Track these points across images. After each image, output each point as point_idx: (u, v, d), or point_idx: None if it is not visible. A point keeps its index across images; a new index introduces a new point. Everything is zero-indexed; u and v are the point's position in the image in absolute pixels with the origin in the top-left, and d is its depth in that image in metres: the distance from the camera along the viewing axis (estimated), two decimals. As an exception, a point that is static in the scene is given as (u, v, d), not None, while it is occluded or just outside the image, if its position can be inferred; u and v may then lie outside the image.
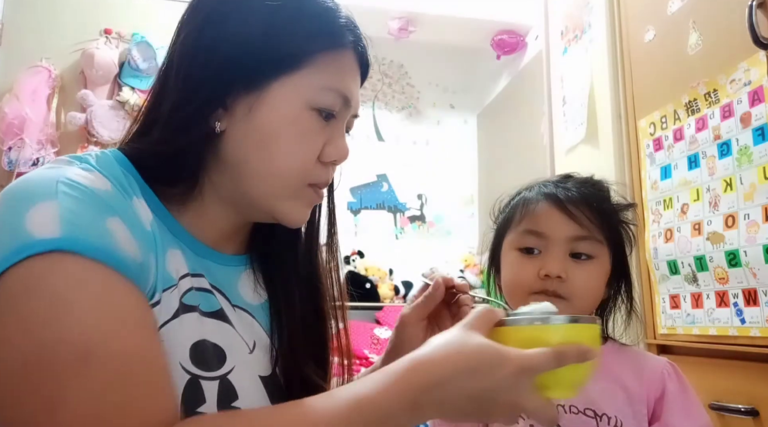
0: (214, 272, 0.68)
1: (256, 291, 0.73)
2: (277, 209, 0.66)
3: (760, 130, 1.20)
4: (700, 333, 1.37)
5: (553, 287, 0.80)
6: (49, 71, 2.39)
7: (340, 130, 0.69)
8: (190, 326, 0.61)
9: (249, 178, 0.65)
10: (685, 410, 0.79)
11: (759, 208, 1.19)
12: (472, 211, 3.47)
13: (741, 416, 1.22)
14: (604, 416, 0.77)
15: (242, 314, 0.70)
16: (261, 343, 0.70)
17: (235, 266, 0.73)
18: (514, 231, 0.86)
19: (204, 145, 0.64)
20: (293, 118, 0.64)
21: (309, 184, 0.67)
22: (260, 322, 0.72)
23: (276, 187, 0.65)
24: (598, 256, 0.83)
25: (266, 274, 0.75)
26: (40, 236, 0.48)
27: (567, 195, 0.84)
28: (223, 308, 0.67)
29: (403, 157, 3.46)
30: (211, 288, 0.66)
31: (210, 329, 0.63)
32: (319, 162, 0.67)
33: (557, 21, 2.25)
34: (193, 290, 0.63)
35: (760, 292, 1.19)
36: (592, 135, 1.91)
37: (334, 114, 0.67)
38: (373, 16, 2.79)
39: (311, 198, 0.69)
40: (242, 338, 0.67)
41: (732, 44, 1.29)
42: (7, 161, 2.27)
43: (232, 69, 0.63)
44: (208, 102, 0.63)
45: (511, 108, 3.04)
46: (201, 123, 0.63)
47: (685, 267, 1.41)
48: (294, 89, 0.64)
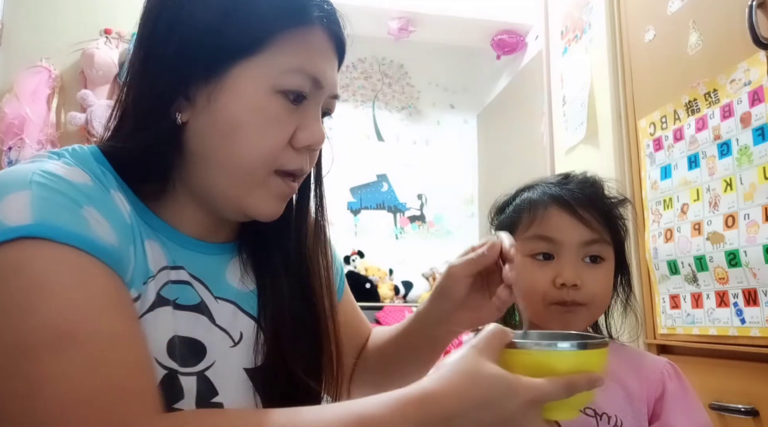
0: (197, 263, 0.66)
1: (243, 279, 0.70)
2: (245, 202, 0.63)
3: (760, 130, 1.20)
4: (700, 333, 1.37)
5: (571, 296, 0.79)
6: (49, 71, 2.39)
7: (314, 114, 0.64)
8: (165, 320, 0.59)
9: (214, 171, 0.62)
10: (685, 409, 0.79)
11: (759, 209, 1.19)
12: (472, 212, 3.48)
13: (741, 416, 1.22)
14: (604, 415, 0.77)
15: (225, 306, 0.67)
16: (248, 334, 0.68)
17: (221, 255, 0.70)
18: (523, 236, 0.84)
19: (170, 139, 0.61)
20: (257, 105, 0.60)
21: (277, 171, 0.62)
22: (248, 311, 0.69)
23: (241, 177, 0.61)
24: (607, 258, 0.83)
25: (256, 260, 0.72)
26: (11, 223, 0.48)
27: (574, 197, 0.83)
28: (204, 300, 0.65)
29: (403, 157, 3.46)
30: (192, 280, 0.64)
31: (187, 323, 0.62)
32: (292, 148, 0.62)
33: (557, 21, 2.25)
34: (170, 284, 0.61)
35: (760, 292, 1.19)
36: (592, 135, 1.91)
37: (305, 96, 0.62)
38: (373, 16, 2.79)
39: (281, 188, 0.64)
40: (224, 331, 0.65)
41: (732, 44, 1.29)
42: (7, 161, 2.27)
43: (189, 56, 0.59)
44: (168, 93, 0.60)
45: (511, 108, 3.04)
46: (163, 115, 0.60)
47: (685, 267, 1.41)
48: (256, 74, 0.60)
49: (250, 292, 0.71)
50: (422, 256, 3.21)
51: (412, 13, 2.86)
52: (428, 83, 3.59)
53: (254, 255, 0.72)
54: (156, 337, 0.58)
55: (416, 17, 2.89)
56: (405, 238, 3.39)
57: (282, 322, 0.69)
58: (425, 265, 3.18)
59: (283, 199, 0.65)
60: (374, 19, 2.81)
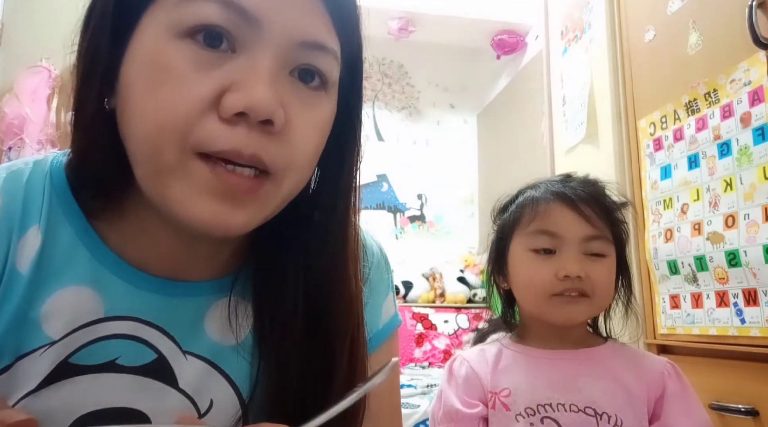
0: (162, 309, 0.51)
1: (230, 327, 0.53)
2: (167, 199, 0.44)
3: (760, 130, 1.20)
4: (700, 333, 1.37)
5: (575, 285, 0.80)
6: (49, 71, 2.39)
7: (252, 67, 0.43)
8: (73, 393, 0.47)
9: (132, 161, 0.46)
10: (685, 409, 0.79)
11: (759, 209, 1.19)
12: (472, 211, 3.48)
13: (741, 416, 1.22)
14: (605, 414, 0.77)
15: (195, 364, 0.52)
16: (222, 402, 0.52)
17: (202, 296, 0.53)
18: (525, 231, 0.85)
19: (100, 130, 0.47)
20: (150, 58, 0.43)
21: (202, 154, 0.43)
22: (228, 371, 0.53)
23: (148, 163, 0.44)
24: (608, 255, 0.84)
25: (257, 300, 0.55)
26: None
27: (576, 194, 0.84)
28: (163, 356, 0.50)
29: (403, 157, 3.46)
30: (150, 330, 0.50)
31: (127, 389, 0.49)
32: (218, 118, 0.42)
33: (557, 21, 2.25)
34: (99, 342, 0.48)
35: (760, 292, 1.19)
36: (592, 135, 1.91)
37: (227, 37, 0.43)
38: (373, 16, 2.77)
39: (209, 179, 0.43)
40: (188, 398, 0.51)
41: (732, 44, 1.29)
42: (7, 161, 2.27)
43: (98, 28, 0.46)
44: (87, 77, 0.47)
45: (511, 108, 3.05)
46: (89, 100, 0.47)
47: (685, 267, 1.41)
48: (156, 19, 0.43)
49: (239, 344, 0.54)
50: (422, 256, 3.22)
51: (412, 13, 2.86)
52: (428, 83, 3.59)
53: (255, 292, 0.55)
54: (54, 418, 0.46)
55: (416, 17, 2.89)
56: (405, 238, 3.39)
57: (280, 386, 0.52)
58: (425, 265, 3.18)
59: (219, 195, 0.43)
60: (374, 19, 2.79)
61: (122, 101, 0.45)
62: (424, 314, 2.89)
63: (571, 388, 0.79)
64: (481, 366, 0.85)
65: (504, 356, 0.86)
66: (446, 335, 2.81)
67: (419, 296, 3.05)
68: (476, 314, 2.95)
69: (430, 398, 2.07)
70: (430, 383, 2.18)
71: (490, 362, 0.85)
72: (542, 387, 0.80)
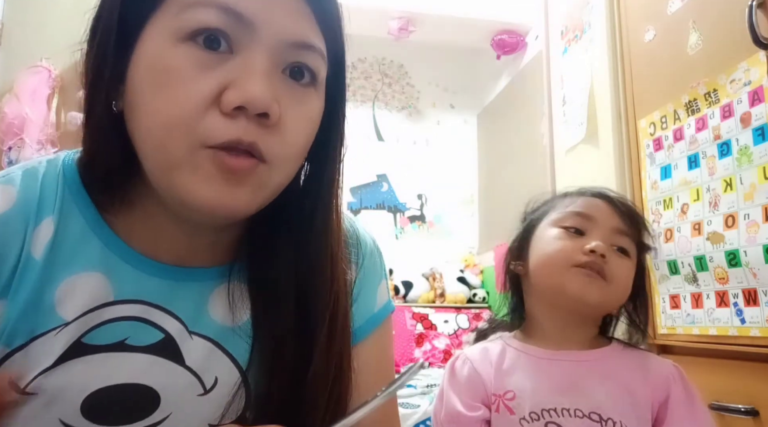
0: (169, 293, 0.55)
1: (232, 310, 0.58)
2: (176, 186, 0.48)
3: (760, 130, 1.20)
4: (700, 333, 1.37)
5: (598, 262, 0.81)
6: (49, 71, 2.39)
7: (249, 66, 0.47)
8: (85, 371, 0.51)
9: (142, 159, 0.50)
10: (689, 416, 0.78)
11: (759, 209, 1.19)
12: (472, 211, 3.47)
13: (741, 416, 1.22)
14: (610, 420, 0.76)
15: (201, 343, 0.56)
16: (226, 379, 0.56)
17: (204, 281, 0.58)
18: (558, 212, 0.88)
19: (110, 131, 0.51)
20: (156, 62, 0.48)
21: (207, 145, 0.47)
22: (231, 350, 0.57)
23: (159, 157, 0.49)
24: (631, 257, 0.85)
25: (253, 285, 0.59)
26: None
27: (613, 196, 0.89)
28: (171, 336, 0.55)
29: (403, 157, 3.46)
30: (157, 313, 0.55)
31: (137, 367, 0.53)
32: (220, 113, 0.47)
33: (557, 21, 2.25)
34: (110, 323, 0.53)
35: (760, 292, 1.19)
36: (592, 135, 1.91)
37: (225, 39, 0.47)
38: (373, 16, 2.79)
39: (214, 164, 0.48)
40: (194, 375, 0.55)
41: (732, 44, 1.29)
42: (7, 161, 2.27)
43: (105, 30, 0.50)
44: (95, 80, 0.51)
45: (511, 108, 3.05)
46: (99, 103, 0.51)
47: (685, 267, 1.41)
48: (160, 26, 0.48)
49: (240, 326, 0.58)
50: (422, 256, 3.22)
51: (412, 13, 2.86)
52: (428, 83, 3.59)
53: (250, 278, 0.59)
54: (70, 392, 0.50)
55: (416, 17, 2.89)
56: (405, 238, 3.39)
57: (273, 367, 0.56)
58: (425, 265, 3.18)
59: (222, 180, 0.48)
60: (374, 19, 2.81)
61: (130, 102, 0.50)
62: (424, 314, 2.89)
63: (576, 392, 0.78)
64: (484, 366, 0.84)
65: (508, 356, 0.85)
66: (446, 335, 2.81)
67: (419, 296, 3.05)
68: (476, 314, 2.95)
69: (430, 398, 2.07)
70: (430, 383, 2.18)
71: (494, 362, 0.84)
72: (547, 390, 0.79)
